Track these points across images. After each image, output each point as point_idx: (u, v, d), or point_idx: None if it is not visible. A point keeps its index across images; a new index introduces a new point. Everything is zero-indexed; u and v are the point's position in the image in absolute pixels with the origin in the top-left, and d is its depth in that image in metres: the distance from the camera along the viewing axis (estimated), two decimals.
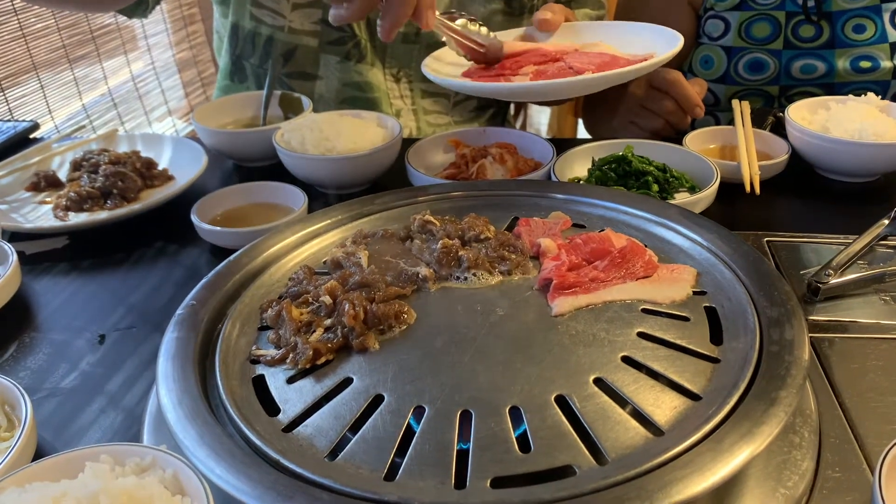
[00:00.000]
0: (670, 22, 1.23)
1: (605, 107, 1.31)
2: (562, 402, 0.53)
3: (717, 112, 1.37)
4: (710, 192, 0.92)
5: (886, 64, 1.22)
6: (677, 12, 1.33)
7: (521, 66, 1.01)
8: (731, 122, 1.11)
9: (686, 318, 0.61)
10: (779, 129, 1.11)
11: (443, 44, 1.04)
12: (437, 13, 0.89)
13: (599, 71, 0.93)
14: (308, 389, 0.57)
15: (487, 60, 1.01)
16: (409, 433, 0.52)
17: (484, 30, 1.00)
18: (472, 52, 1.00)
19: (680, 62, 1.36)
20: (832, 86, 1.25)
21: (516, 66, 1.02)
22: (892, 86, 1.23)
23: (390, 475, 0.49)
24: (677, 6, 1.32)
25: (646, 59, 0.95)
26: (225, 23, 1.35)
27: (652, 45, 1.00)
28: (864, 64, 1.23)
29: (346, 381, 0.57)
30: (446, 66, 1.04)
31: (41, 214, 1.04)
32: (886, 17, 1.22)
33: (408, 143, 1.09)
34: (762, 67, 1.27)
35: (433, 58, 1.05)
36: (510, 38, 1.11)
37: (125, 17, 1.24)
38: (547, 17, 1.10)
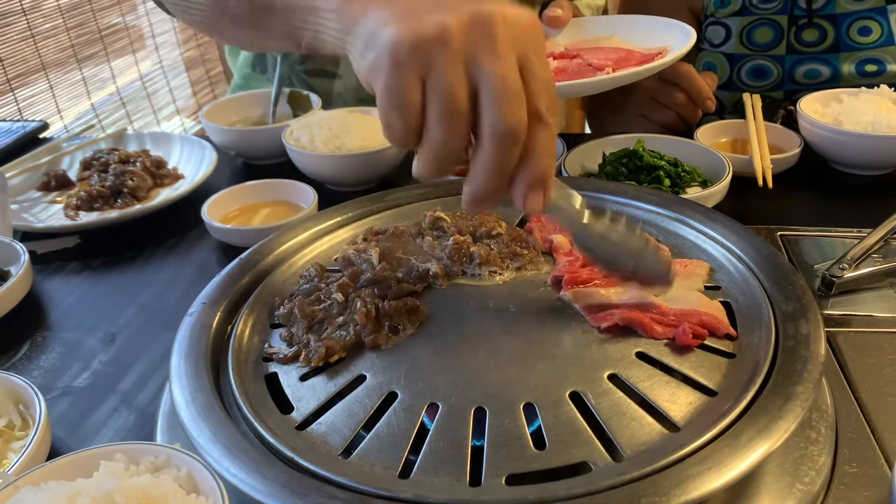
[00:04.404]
0: None
1: (612, 103, 1.30)
2: (576, 398, 0.53)
3: (724, 115, 1.36)
4: (722, 186, 0.91)
5: (893, 67, 1.20)
6: (678, 18, 1.31)
7: None
8: (741, 115, 1.10)
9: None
10: (790, 122, 1.10)
11: None
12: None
13: (619, 67, 0.96)
14: (321, 387, 0.57)
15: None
16: (423, 430, 0.51)
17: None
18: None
19: None
20: None
21: None
22: None
23: (405, 473, 0.49)
24: (677, 12, 1.31)
25: (661, 53, 0.96)
26: None
27: (664, 38, 1.02)
28: (870, 67, 1.21)
29: (359, 379, 0.57)
30: None
31: (52, 214, 1.05)
32: (893, 18, 1.19)
33: None
34: (765, 74, 1.26)
35: None
36: None
37: (132, 17, 1.25)
38: (557, 14, 1.12)
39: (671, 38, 1.01)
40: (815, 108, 1.06)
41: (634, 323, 0.58)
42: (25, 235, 0.99)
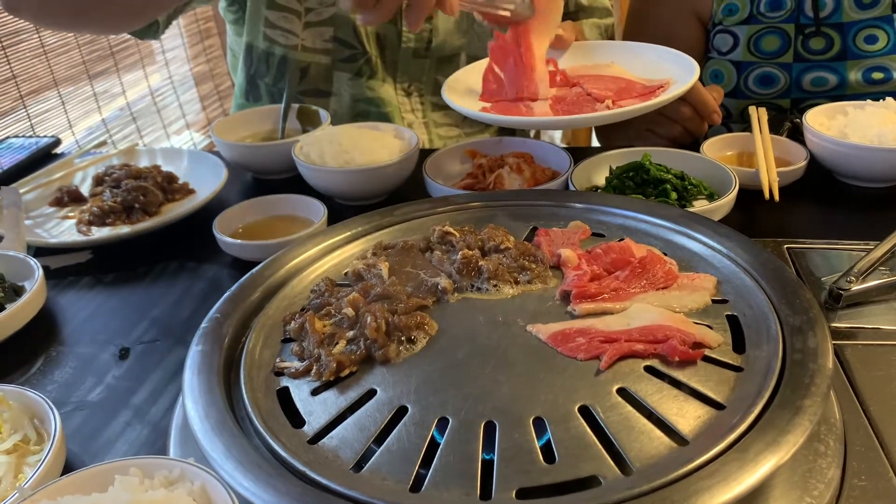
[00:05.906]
0: (679, 37, 1.24)
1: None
2: (585, 412, 0.53)
3: (731, 124, 1.36)
4: (728, 199, 0.92)
5: None
6: (685, 27, 1.32)
7: (535, 88, 1.03)
8: (746, 129, 1.11)
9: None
10: (796, 134, 1.11)
11: (449, 60, 1.06)
12: None
13: (619, 98, 0.99)
14: (332, 401, 0.58)
15: (516, 23, 1.01)
16: (434, 444, 0.52)
17: None
18: (498, 20, 1.00)
19: None
20: (844, 98, 1.24)
21: (532, 88, 1.04)
22: None
23: (415, 486, 0.49)
24: (685, 21, 1.32)
25: (662, 86, 0.98)
26: (239, 41, 1.38)
27: (666, 69, 1.03)
28: (877, 75, 1.21)
29: (370, 393, 0.57)
30: (463, 95, 1.05)
31: (65, 229, 1.06)
32: None
33: (425, 154, 1.10)
34: (772, 81, 1.27)
35: (449, 86, 1.06)
36: None
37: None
38: (560, 35, 1.12)
39: (673, 70, 1.03)
40: (820, 120, 1.06)
41: (602, 352, 0.58)
42: (39, 251, 1.00)
